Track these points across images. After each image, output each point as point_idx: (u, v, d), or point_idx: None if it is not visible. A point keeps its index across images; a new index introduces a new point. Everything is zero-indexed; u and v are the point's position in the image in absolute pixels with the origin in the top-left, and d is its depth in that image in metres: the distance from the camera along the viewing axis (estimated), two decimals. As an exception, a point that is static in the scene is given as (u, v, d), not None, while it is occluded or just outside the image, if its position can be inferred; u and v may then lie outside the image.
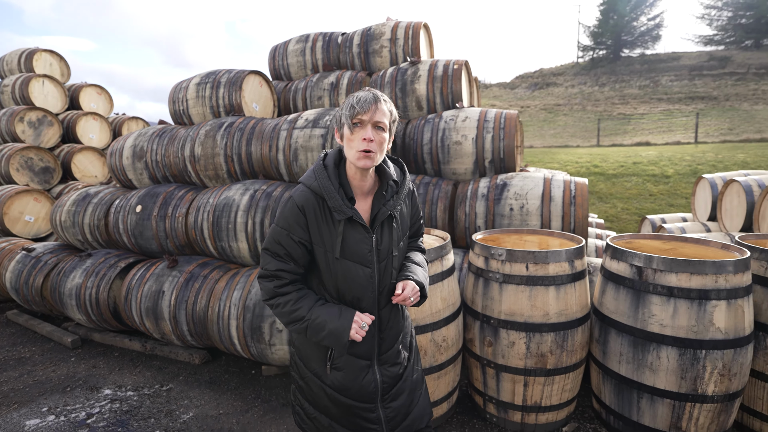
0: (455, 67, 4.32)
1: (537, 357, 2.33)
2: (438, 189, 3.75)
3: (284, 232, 1.41)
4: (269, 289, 1.44)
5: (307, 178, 1.44)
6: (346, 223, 1.41)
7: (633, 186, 8.16)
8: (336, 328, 1.38)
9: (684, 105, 24.68)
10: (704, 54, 35.11)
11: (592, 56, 40.25)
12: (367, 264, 1.44)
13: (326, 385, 1.50)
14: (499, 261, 2.36)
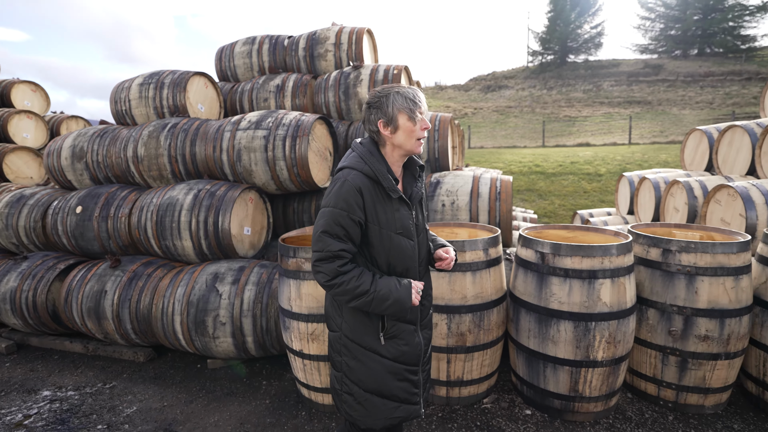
0: (395, 72, 4.57)
1: (457, 336, 2.60)
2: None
3: (344, 213, 1.49)
4: (332, 269, 1.49)
5: (357, 164, 1.55)
6: (398, 201, 1.58)
7: (570, 184, 8.79)
8: (400, 297, 1.52)
9: (622, 108, 26.37)
10: (640, 62, 37.62)
11: (541, 61, 42.09)
12: (411, 237, 1.61)
13: (383, 357, 1.60)
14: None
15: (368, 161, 1.54)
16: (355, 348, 1.62)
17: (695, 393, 2.61)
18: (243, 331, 3.15)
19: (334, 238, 1.49)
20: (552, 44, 40.79)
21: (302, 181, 3.78)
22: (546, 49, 41.54)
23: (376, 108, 1.54)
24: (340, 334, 1.65)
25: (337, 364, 1.69)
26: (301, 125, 3.70)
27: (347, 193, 1.49)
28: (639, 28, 41.38)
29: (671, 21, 38.79)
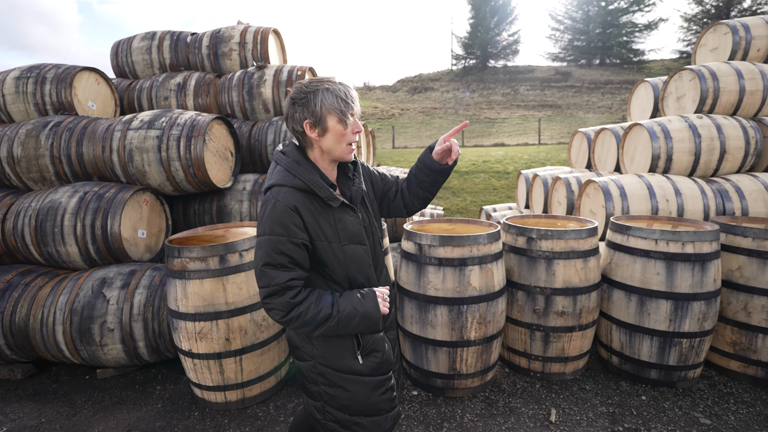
0: (299, 73, 4.63)
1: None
2: (280, 186, 4.02)
3: (283, 239, 1.32)
4: (284, 303, 1.32)
5: (285, 178, 1.37)
6: (339, 209, 1.42)
7: (481, 181, 9.39)
8: (367, 311, 1.39)
9: (536, 111, 28.44)
10: (552, 68, 40.75)
11: (464, 65, 44.09)
12: (363, 242, 1.48)
13: (363, 375, 1.47)
14: (310, 246, 2.71)
15: (297, 173, 1.36)
16: (332, 374, 1.47)
17: (557, 362, 2.97)
18: (134, 337, 3.05)
19: (279, 268, 1.32)
20: (474, 49, 42.91)
21: (200, 181, 3.72)
22: (468, 53, 43.61)
23: (302, 106, 1.34)
24: (312, 362, 1.49)
25: (314, 394, 1.53)
26: (197, 125, 3.65)
27: (281, 215, 1.32)
28: (550, 37, 44.95)
29: (577, 33, 42.50)
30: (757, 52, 4.51)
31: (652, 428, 2.50)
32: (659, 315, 2.78)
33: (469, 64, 43.70)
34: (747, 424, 2.54)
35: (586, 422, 2.56)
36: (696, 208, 3.81)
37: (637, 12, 40.15)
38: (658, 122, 4.22)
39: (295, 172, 1.37)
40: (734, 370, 3.03)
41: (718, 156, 4.04)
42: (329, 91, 1.33)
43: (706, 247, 2.72)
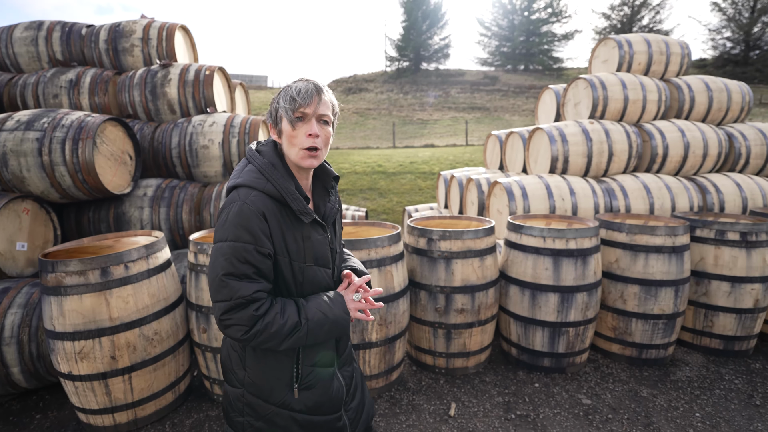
0: (207, 73, 4.43)
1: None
2: (184, 192, 3.82)
3: (250, 247, 1.17)
4: (247, 317, 1.17)
5: (256, 181, 1.22)
6: (309, 226, 1.28)
7: (407, 182, 9.59)
8: (336, 317, 1.26)
9: (466, 114, 29.54)
10: (481, 72, 42.62)
11: (397, 67, 44.79)
12: (328, 265, 1.34)
13: (296, 412, 1.31)
14: (205, 255, 2.60)
15: (271, 177, 1.23)
16: (262, 406, 1.31)
17: (460, 357, 3.10)
18: (6, 362, 2.74)
19: (243, 279, 1.17)
20: (407, 52, 43.74)
21: (91, 188, 3.44)
22: (402, 55, 44.38)
23: (272, 106, 1.27)
24: (242, 390, 1.33)
25: (237, 425, 1.36)
26: (86, 126, 3.36)
27: (249, 220, 1.17)
28: (479, 43, 46.92)
29: (503, 40, 44.79)
30: (638, 65, 5.00)
31: (540, 413, 2.68)
32: (549, 307, 2.99)
33: (402, 66, 44.48)
34: (620, 401, 2.80)
35: (483, 413, 2.69)
36: (588, 205, 4.16)
37: (555, 23, 43.14)
38: (556, 127, 4.55)
39: (268, 176, 1.23)
40: (615, 353, 3.34)
41: (606, 158, 4.43)
42: (286, 91, 1.23)
43: (587, 242, 2.97)
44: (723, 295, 3.31)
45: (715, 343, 3.41)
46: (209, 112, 4.30)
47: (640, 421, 2.61)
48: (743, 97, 4.99)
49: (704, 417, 2.65)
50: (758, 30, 35.88)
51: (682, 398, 2.84)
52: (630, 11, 40.23)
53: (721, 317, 3.34)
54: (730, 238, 3.26)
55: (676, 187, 4.36)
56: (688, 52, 5.17)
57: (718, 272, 3.31)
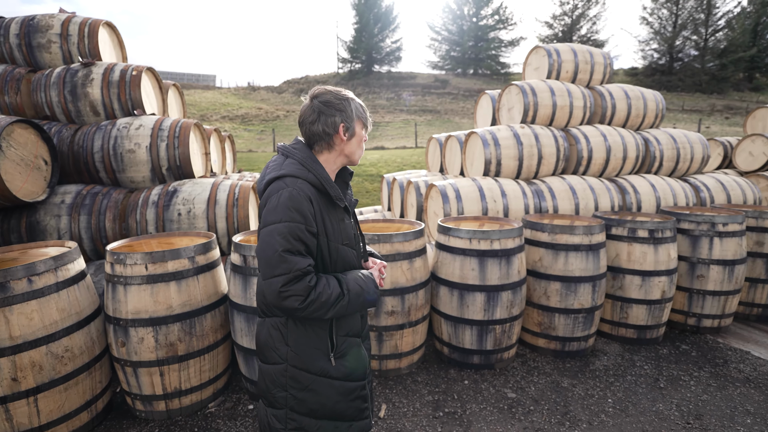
0: (134, 73, 4.23)
1: (167, 347, 2.56)
2: (108, 199, 3.63)
3: (302, 226, 1.34)
4: (304, 288, 1.32)
5: (299, 171, 1.41)
6: (343, 210, 1.52)
7: (354, 185, 9.60)
8: (370, 288, 1.48)
9: (418, 116, 30.00)
10: (432, 76, 43.44)
11: (350, 68, 44.75)
12: (354, 247, 1.56)
13: (334, 378, 1.49)
14: (122, 265, 2.48)
15: (312, 168, 1.43)
16: (305, 377, 1.46)
17: (392, 359, 3.14)
18: None
19: (298, 254, 1.33)
20: (359, 54, 43.81)
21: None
22: (354, 57, 44.40)
23: (340, 110, 1.44)
24: (285, 365, 1.47)
25: (279, 400, 1.49)
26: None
27: (300, 203, 1.35)
28: (430, 47, 47.81)
29: (453, 44, 45.90)
30: (566, 73, 5.29)
31: (467, 409, 2.77)
32: (476, 306, 3.10)
33: (355, 67, 44.50)
34: (542, 392, 2.96)
35: (412, 412, 2.74)
36: (518, 206, 4.35)
37: (502, 30, 44.79)
38: (489, 131, 4.72)
39: (309, 167, 1.43)
40: (541, 347, 3.51)
41: (536, 161, 4.65)
42: (356, 101, 1.50)
43: (510, 243, 3.11)
44: (635, 288, 3.57)
45: (630, 333, 3.68)
46: (136, 115, 4.10)
47: (559, 410, 2.76)
48: (657, 105, 5.41)
49: (615, 402, 2.85)
50: (680, 43, 39.03)
51: (597, 386, 3.04)
52: (570, 21, 42.54)
53: (634, 308, 3.60)
54: (640, 235, 3.53)
55: (599, 188, 4.66)
56: (610, 62, 5.54)
57: (630, 267, 3.57)
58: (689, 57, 38.60)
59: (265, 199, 1.41)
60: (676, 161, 5.17)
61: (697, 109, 30.22)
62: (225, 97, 32.93)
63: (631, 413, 2.74)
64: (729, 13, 37.93)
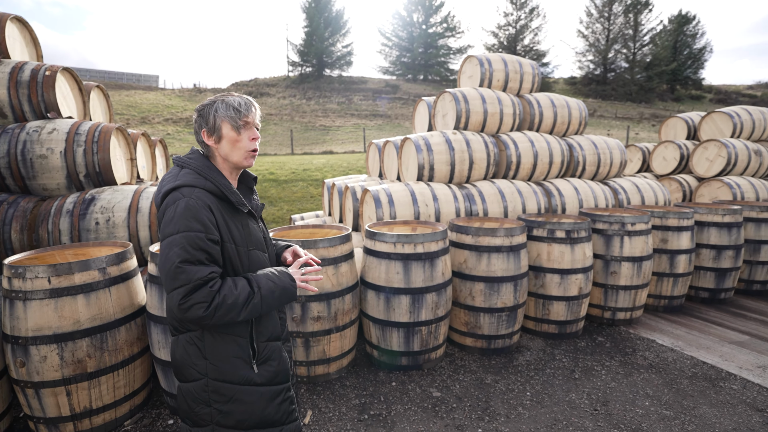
0: (47, 73, 3.97)
1: (75, 364, 2.42)
2: (14, 208, 3.38)
3: (201, 235, 1.32)
4: (206, 294, 1.30)
5: (195, 180, 1.39)
6: (246, 215, 1.51)
7: (299, 190, 9.51)
8: (285, 283, 1.44)
9: (368, 120, 30.17)
10: (383, 81, 43.86)
11: (300, 72, 44.27)
12: (264, 250, 1.55)
13: (259, 385, 1.47)
14: (21, 279, 2.33)
15: (209, 176, 1.41)
16: (228, 388, 1.44)
17: (320, 364, 3.14)
18: None
19: (198, 264, 1.31)
20: (310, 57, 43.46)
21: None
22: (304, 61, 43.99)
23: (201, 117, 1.45)
24: (205, 380, 1.43)
25: (203, 417, 1.45)
26: None
27: (197, 212, 1.33)
28: (381, 52, 48.21)
29: (403, 50, 46.63)
30: (497, 82, 5.53)
31: (393, 410, 2.83)
32: (402, 309, 3.17)
33: (305, 71, 44.06)
34: (466, 390, 3.07)
35: (337, 417, 2.76)
36: (449, 210, 4.49)
37: (450, 37, 46.07)
38: (422, 137, 4.85)
39: (206, 175, 1.42)
40: (469, 345, 3.65)
41: (468, 166, 4.83)
42: (224, 102, 1.44)
43: (434, 246, 3.21)
44: (555, 285, 3.79)
45: (552, 328, 3.90)
46: (50, 118, 3.86)
47: (480, 406, 2.88)
48: (580, 113, 5.78)
49: (533, 395, 3.01)
50: (612, 56, 41.94)
51: (518, 381, 3.19)
52: (514, 32, 44.50)
53: (555, 305, 3.83)
54: (558, 236, 3.75)
55: (527, 191, 4.90)
56: (538, 72, 5.86)
57: (550, 266, 3.79)
58: (620, 69, 41.57)
59: (162, 212, 1.38)
60: (597, 166, 5.55)
61: (628, 116, 32.54)
62: (169, 99, 31.53)
63: (546, 404, 2.90)
64: (653, 30, 41.30)
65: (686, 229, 4.45)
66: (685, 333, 4.05)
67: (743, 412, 2.83)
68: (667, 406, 2.89)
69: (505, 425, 2.69)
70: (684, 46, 42.53)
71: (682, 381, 3.20)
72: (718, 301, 4.84)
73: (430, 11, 45.27)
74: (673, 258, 4.45)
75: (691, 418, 2.76)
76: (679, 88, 42.65)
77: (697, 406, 2.89)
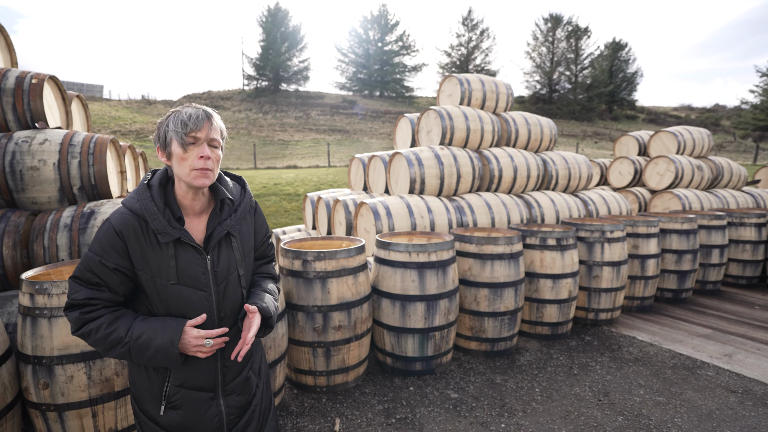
0: (34, 81, 3.79)
1: (102, 383, 2.33)
2: (4, 222, 3.19)
3: (96, 258, 1.29)
4: (75, 318, 1.28)
5: (129, 200, 1.33)
6: (175, 245, 1.32)
7: (272, 204, 9.42)
8: (163, 344, 1.26)
9: (327, 135, 30.22)
10: (340, 96, 44.19)
11: (256, 86, 43.69)
12: (201, 287, 1.35)
13: (161, 428, 1.37)
14: (45, 295, 2.23)
15: (141, 197, 1.32)
16: (137, 411, 1.42)
17: (340, 374, 3.19)
18: None
19: (83, 284, 1.30)
20: (266, 71, 43.06)
21: None
22: (260, 75, 43.52)
23: (157, 131, 1.34)
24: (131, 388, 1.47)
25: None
26: None
27: (104, 235, 1.30)
28: (337, 68, 48.66)
29: (360, 67, 47.34)
30: (476, 101, 5.86)
31: (417, 413, 2.92)
32: (417, 315, 3.29)
33: (261, 85, 43.55)
34: (480, 390, 3.22)
35: (366, 422, 2.81)
36: (443, 221, 4.69)
37: (406, 55, 47.36)
38: (413, 152, 5.04)
39: (138, 196, 1.33)
40: (474, 349, 3.82)
41: (456, 179, 5.07)
42: (176, 116, 1.31)
43: (445, 254, 3.37)
44: (548, 290, 4.07)
45: (545, 330, 4.16)
46: (39, 128, 3.68)
47: (497, 404, 3.04)
48: (551, 130, 6.24)
49: (542, 391, 3.21)
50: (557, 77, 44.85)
51: (525, 379, 3.39)
52: (466, 51, 46.54)
53: (548, 308, 4.09)
54: (549, 243, 4.04)
55: (510, 203, 5.21)
56: (512, 92, 6.27)
57: (543, 272, 4.06)
58: (564, 89, 44.54)
59: None
60: (568, 179, 5.99)
61: (573, 134, 34.80)
62: (115, 110, 29.99)
63: (555, 398, 3.12)
64: (591, 55, 44.72)
65: (654, 235, 4.92)
66: (659, 329, 4.45)
67: (721, 394, 3.19)
68: (659, 393, 3.20)
69: (523, 419, 2.86)
70: (619, 70, 46.34)
71: (666, 371, 3.54)
72: (680, 300, 5.34)
73: (386, 29, 46.43)
74: (643, 262, 4.89)
75: (681, 402, 3.07)
76: (616, 108, 46.26)
77: (683, 392, 3.21)
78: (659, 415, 2.91)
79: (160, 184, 1.36)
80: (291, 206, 9.40)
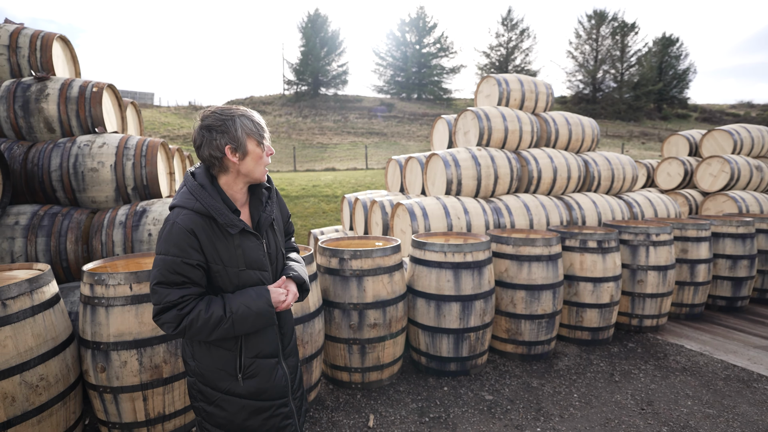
0: (95, 90, 4.10)
1: (152, 370, 2.49)
2: (68, 219, 3.46)
3: (177, 260, 1.36)
4: (173, 317, 1.37)
5: (186, 201, 1.41)
6: (240, 236, 1.46)
7: (311, 206, 9.63)
8: (260, 308, 1.42)
9: (365, 138, 30.52)
10: (378, 99, 44.51)
11: (296, 90, 44.79)
12: (264, 268, 1.52)
13: (242, 398, 1.50)
14: (103, 285, 2.41)
15: (199, 197, 1.40)
16: (211, 393, 1.51)
17: (375, 371, 3.23)
18: None
19: (172, 286, 1.38)
20: (306, 76, 44.07)
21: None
22: (300, 80, 44.58)
23: (222, 132, 1.39)
24: (194, 379, 1.55)
25: (196, 409, 1.60)
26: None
27: (178, 236, 1.37)
28: (375, 71, 49.06)
29: (398, 70, 47.52)
30: (514, 101, 5.77)
31: (451, 413, 2.92)
32: (452, 315, 3.29)
33: (301, 90, 44.62)
34: (516, 393, 3.17)
35: (400, 420, 2.84)
36: (479, 222, 4.65)
37: (444, 57, 47.14)
38: (450, 153, 5.03)
39: (197, 196, 1.41)
40: (509, 352, 3.76)
41: (493, 181, 5.01)
42: (245, 117, 1.43)
43: (481, 255, 3.35)
44: (588, 293, 3.94)
45: (585, 335, 4.03)
46: (98, 132, 3.96)
47: (533, 407, 2.98)
48: (593, 130, 6.04)
49: (580, 397, 3.12)
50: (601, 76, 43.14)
51: (563, 384, 3.31)
52: (505, 52, 45.70)
53: (588, 312, 3.97)
54: (590, 246, 3.92)
55: (549, 205, 5.09)
56: (552, 92, 6.12)
57: (583, 275, 3.95)
58: (609, 88, 42.81)
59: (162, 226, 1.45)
60: (611, 180, 5.77)
61: (618, 134, 33.39)
62: (165, 116, 31.63)
63: (595, 405, 3.02)
64: (639, 52, 42.73)
65: (704, 239, 4.66)
66: (711, 339, 4.21)
67: (781, 411, 2.98)
68: (708, 405, 3.03)
69: (560, 424, 2.79)
70: (669, 67, 44.06)
71: (717, 382, 3.34)
72: (735, 309, 5.02)
73: (424, 32, 46.38)
74: (693, 267, 4.64)
75: (734, 416, 2.89)
76: (665, 107, 43.98)
77: (736, 405, 3.02)
78: (708, 428, 2.77)
79: (211, 183, 1.46)
80: (329, 207, 9.57)
